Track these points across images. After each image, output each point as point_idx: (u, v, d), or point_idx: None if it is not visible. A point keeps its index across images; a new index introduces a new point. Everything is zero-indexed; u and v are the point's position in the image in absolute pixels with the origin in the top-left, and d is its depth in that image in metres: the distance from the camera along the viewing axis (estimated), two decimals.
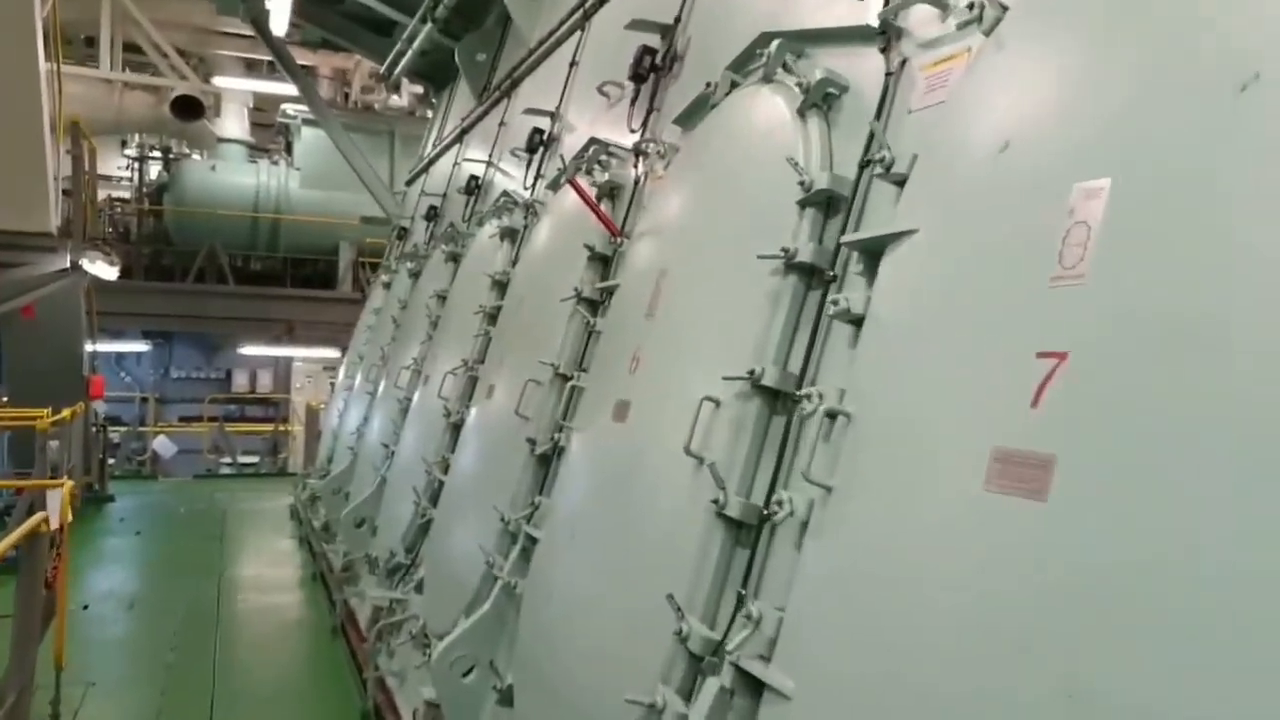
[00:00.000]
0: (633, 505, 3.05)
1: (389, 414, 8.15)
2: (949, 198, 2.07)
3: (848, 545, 1.99)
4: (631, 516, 3.03)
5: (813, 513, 2.17)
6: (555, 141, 6.32)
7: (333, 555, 9.01)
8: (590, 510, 3.39)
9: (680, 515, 2.77)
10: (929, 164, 2.19)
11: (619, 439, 3.31)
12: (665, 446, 2.97)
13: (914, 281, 2.08)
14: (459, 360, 6.28)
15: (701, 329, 2.99)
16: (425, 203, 10.61)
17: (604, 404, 3.57)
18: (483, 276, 6.42)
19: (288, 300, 19.49)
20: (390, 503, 7.10)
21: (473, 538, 4.75)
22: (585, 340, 4.35)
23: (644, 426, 3.16)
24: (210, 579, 9.21)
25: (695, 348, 3.00)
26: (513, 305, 5.61)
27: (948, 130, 2.16)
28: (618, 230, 4.22)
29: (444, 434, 6.19)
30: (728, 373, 2.66)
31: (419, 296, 9.05)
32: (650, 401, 3.18)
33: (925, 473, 1.88)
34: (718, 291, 2.98)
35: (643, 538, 2.93)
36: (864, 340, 2.21)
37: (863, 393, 2.12)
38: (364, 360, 11.15)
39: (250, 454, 19.56)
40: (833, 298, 2.33)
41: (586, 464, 3.62)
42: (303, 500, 11.98)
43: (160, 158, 20.51)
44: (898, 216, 2.25)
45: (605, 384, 3.70)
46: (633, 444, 3.20)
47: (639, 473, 3.08)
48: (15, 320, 11.95)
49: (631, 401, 3.29)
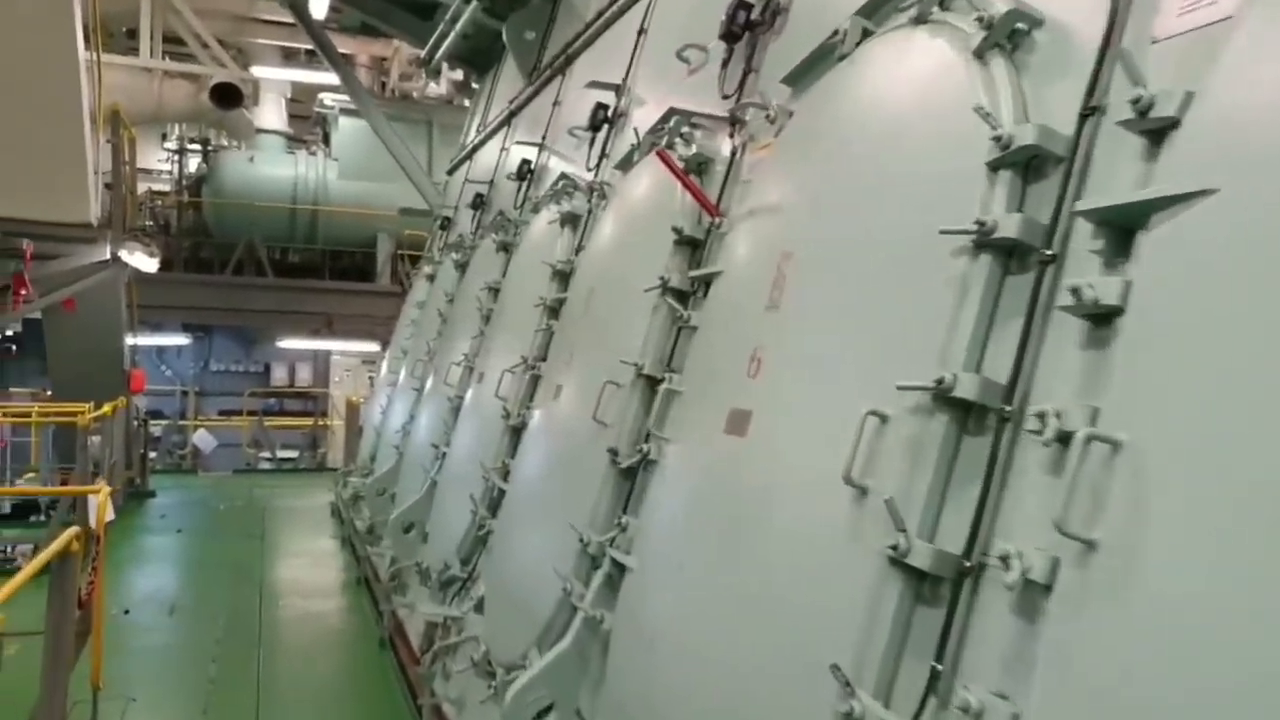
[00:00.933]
0: (764, 540, 2.51)
1: (438, 413, 7.68)
2: (1249, 148, 1.51)
3: (1136, 624, 1.44)
4: (763, 554, 2.50)
5: (1059, 573, 1.62)
6: (622, 117, 5.79)
7: (378, 560, 8.58)
8: (701, 541, 2.86)
9: (835, 559, 2.23)
10: (1211, 104, 1.62)
11: (737, 456, 2.78)
12: (806, 469, 2.43)
13: (1207, 261, 1.52)
14: (517, 357, 5.77)
15: (853, 325, 2.45)
16: (470, 190, 10.14)
17: (711, 412, 3.04)
18: (541, 266, 5.92)
19: (326, 293, 19.16)
20: (442, 508, 6.62)
21: (543, 557, 4.24)
22: (674, 336, 3.82)
23: (773, 443, 2.63)
24: (251, 582, 8.82)
25: (846, 349, 2.45)
26: (579, 297, 5.09)
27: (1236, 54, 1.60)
28: (715, 209, 3.68)
29: (503, 437, 5.69)
30: (898, 379, 2.11)
31: (467, 289, 8.57)
32: (781, 413, 2.64)
33: (1253, 526, 1.33)
34: (874, 278, 2.43)
35: (781, 582, 2.40)
36: (1127, 341, 1.65)
37: (1134, 412, 1.56)
38: (408, 355, 10.71)
39: (289, 448, 19.29)
40: (1069, 284, 1.76)
41: (691, 484, 3.09)
42: (344, 499, 11.59)
43: (199, 150, 20.25)
44: (1164, 175, 1.69)
45: (711, 388, 3.17)
46: (758, 464, 2.66)
47: (771, 500, 2.54)
48: (57, 313, 11.67)
49: (753, 412, 2.75)
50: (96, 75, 10.96)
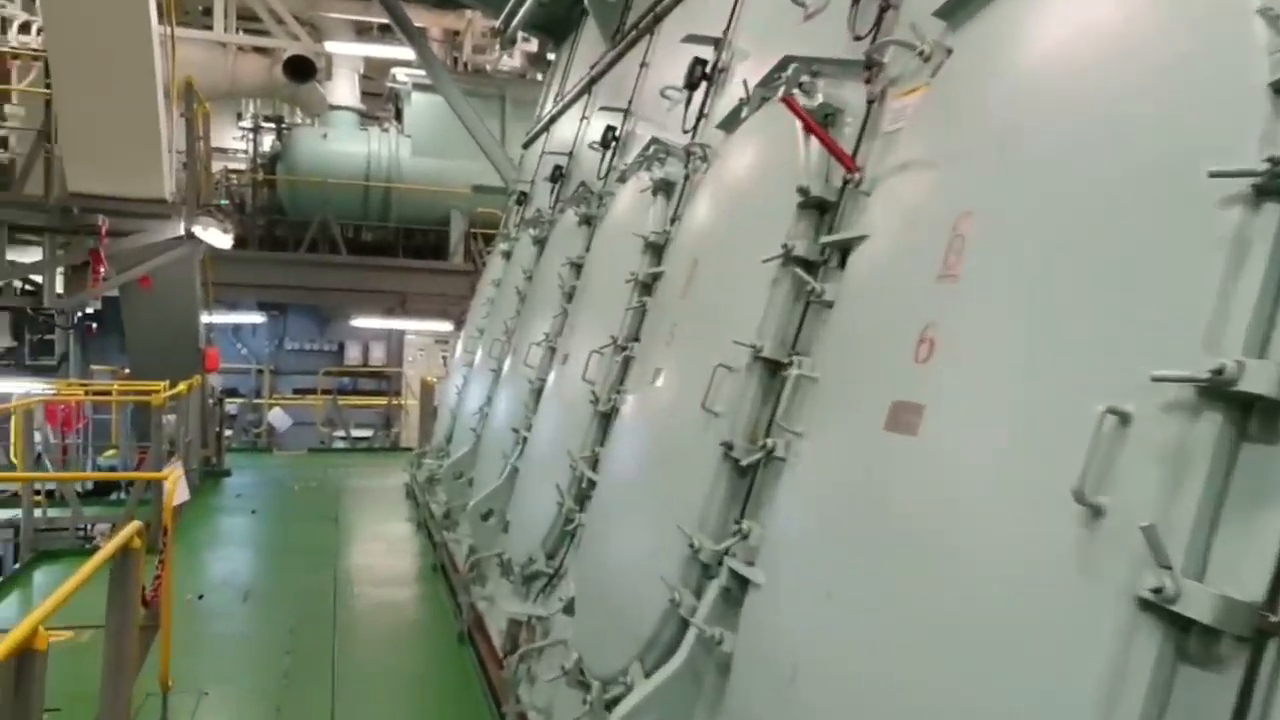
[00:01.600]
0: (951, 567, 2.02)
1: (518, 395, 7.30)
2: None
3: None
4: (950, 584, 2.01)
5: None
6: (724, 73, 5.28)
7: (454, 547, 8.27)
8: (857, 560, 2.37)
9: (1057, 598, 1.74)
10: None
11: (906, 460, 2.29)
12: (1010, 479, 1.93)
13: None
14: (605, 337, 5.34)
15: (1072, 298, 1.93)
16: (548, 163, 9.72)
17: (863, 404, 2.55)
18: (631, 239, 5.47)
19: (399, 271, 18.99)
20: (524, 497, 6.24)
21: (644, 560, 3.80)
22: (800, 313, 3.33)
23: (959, 445, 2.13)
24: (326, 567, 8.59)
25: (1062, 328, 1.94)
26: (678, 271, 4.61)
27: None
28: (853, 163, 3.17)
29: (591, 424, 5.27)
30: (1143, 367, 1.62)
31: (547, 265, 8.17)
32: (968, 407, 2.14)
33: None
34: (1099, 238, 1.91)
35: (976, 623, 1.91)
36: None
37: None
38: (484, 335, 10.39)
39: (363, 427, 19.24)
40: None
41: (838, 490, 2.60)
42: (419, 481, 11.34)
43: (274, 128, 20.22)
44: None
45: (861, 376, 2.68)
46: (937, 470, 2.17)
47: (958, 516, 2.05)
48: (133, 291, 11.61)
49: (926, 406, 2.25)
50: (170, 50, 10.80)
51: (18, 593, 7.69)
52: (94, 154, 9.71)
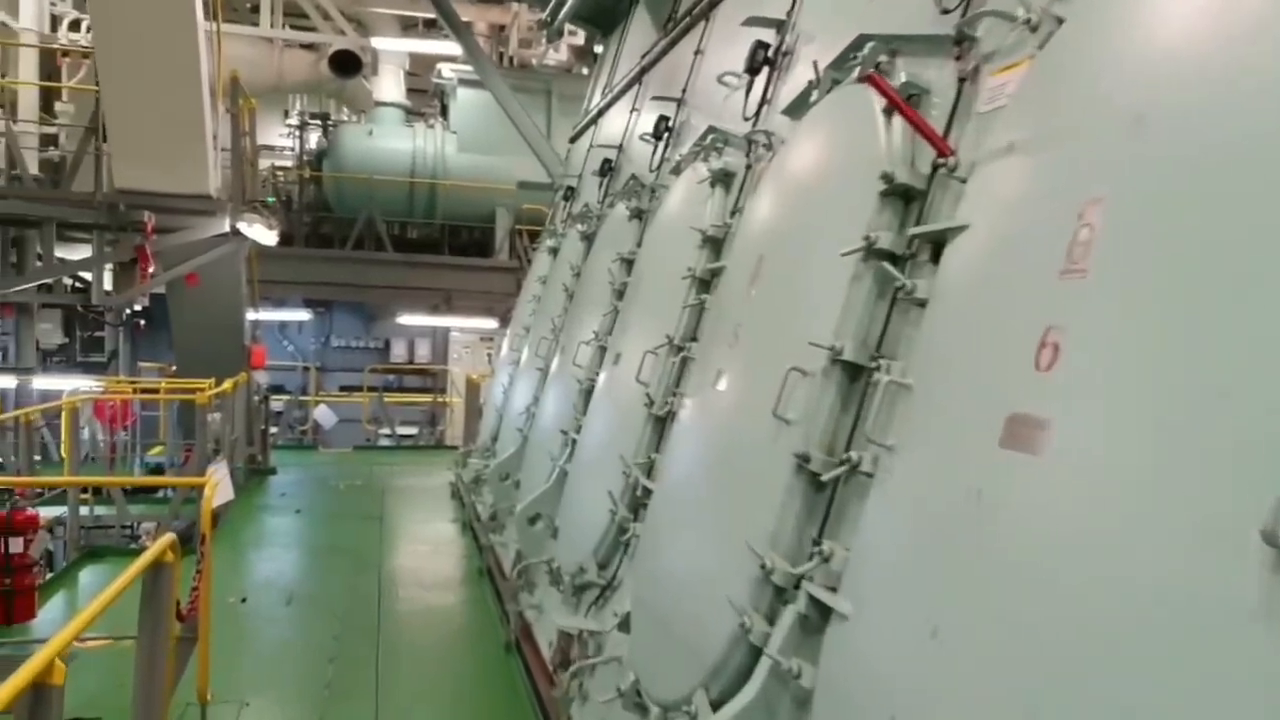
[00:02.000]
0: (1098, 614, 1.72)
1: (566, 396, 7.06)
2: None
3: None
4: (1100, 636, 1.70)
5: None
6: (788, 56, 4.98)
7: (501, 550, 8.07)
8: (969, 596, 2.08)
9: (1248, 657, 1.43)
10: None
11: (1024, 480, 1.99)
12: (1172, 511, 1.63)
13: None
14: (660, 337, 5.07)
15: (1257, 298, 1.62)
16: (597, 157, 9.48)
17: (967, 416, 2.26)
18: (687, 233, 5.19)
19: (445, 269, 18.89)
20: (574, 503, 6.00)
21: (708, 578, 3.53)
22: (885, 312, 3.03)
23: (1096, 467, 1.82)
24: (370, 569, 8.42)
25: (1237, 336, 1.63)
26: (742, 266, 4.33)
27: None
28: (947, 146, 2.86)
29: (645, 428, 5.00)
30: None
31: (596, 261, 7.92)
32: (1106, 423, 1.83)
33: None
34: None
35: (1143, 681, 1.60)
36: None
37: None
38: (530, 333, 10.17)
39: (408, 425, 19.17)
40: None
41: (940, 514, 2.30)
42: (464, 481, 11.17)
43: (320, 125, 20.22)
44: None
45: (961, 384, 2.38)
46: (1066, 495, 1.87)
47: (1099, 552, 1.75)
48: (180, 288, 11.57)
49: (1051, 420, 1.95)
50: (216, 45, 10.72)
51: (63, 594, 7.61)
52: (140, 150, 9.65)
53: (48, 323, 15.03)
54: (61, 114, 12.64)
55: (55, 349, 16.29)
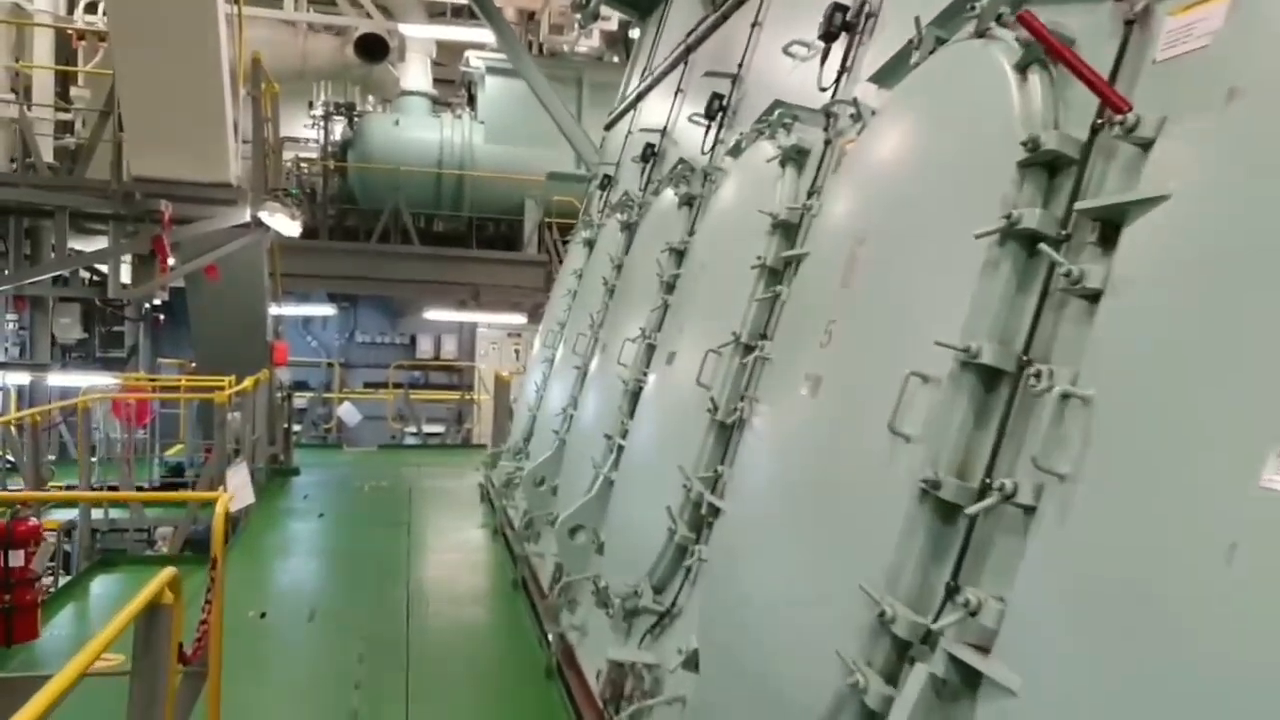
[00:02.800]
0: None
1: (610, 397, 6.52)
2: None
3: None
4: None
5: None
6: (871, 19, 4.41)
7: (537, 562, 7.55)
8: (1200, 684, 1.52)
9: None
10: None
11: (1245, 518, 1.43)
12: None
13: None
14: (722, 334, 4.51)
15: None
16: (637, 142, 8.95)
17: (1203, 445, 1.70)
18: (753, 219, 4.63)
19: (472, 262, 18.39)
20: (622, 516, 5.47)
21: (803, 620, 2.99)
22: (1034, 306, 2.48)
23: None
24: (397, 581, 7.93)
25: None
26: (829, 255, 3.77)
27: None
28: (1123, 100, 2.28)
29: (708, 437, 4.45)
30: None
31: (640, 252, 7.39)
32: None
33: None
34: None
35: None
36: None
37: None
38: (566, 329, 9.65)
39: (435, 422, 18.71)
40: None
41: (1164, 569, 1.74)
42: (495, 484, 10.67)
43: (345, 115, 19.77)
44: None
45: (1184, 401, 1.82)
46: None
47: None
48: (199, 282, 11.12)
49: None
50: (238, 28, 10.24)
51: (72, 607, 7.16)
52: (157, 137, 9.19)
53: (66, 317, 14.67)
54: (77, 99, 12.21)
55: (74, 344, 15.94)
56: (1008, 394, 2.48)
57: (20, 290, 10.49)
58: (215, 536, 3.86)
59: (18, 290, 10.47)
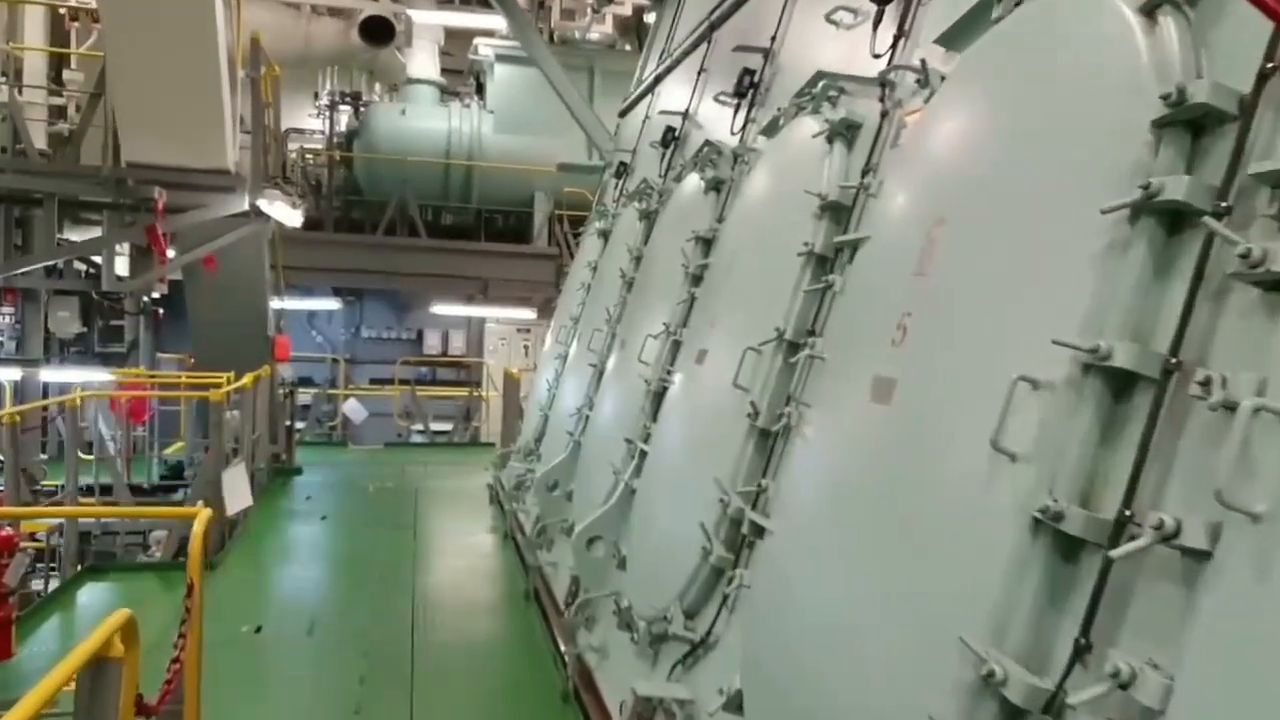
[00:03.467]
0: None
1: (629, 398, 6.07)
2: None
3: None
4: None
5: None
6: None
7: (550, 572, 7.09)
8: None
9: None
10: None
11: None
12: None
13: None
14: (761, 330, 4.04)
15: None
16: (655, 128, 8.48)
17: None
18: (795, 201, 4.16)
19: (481, 255, 17.92)
20: (648, 529, 5.00)
21: (884, 673, 2.51)
22: (1183, 297, 2.00)
23: None
24: (403, 590, 7.48)
25: None
26: (890, 240, 3.30)
27: None
28: None
29: (747, 446, 3.98)
30: None
31: (661, 243, 6.92)
32: None
33: None
34: None
35: None
36: None
37: None
38: (579, 324, 9.19)
39: (442, 419, 18.24)
40: None
41: None
42: (505, 486, 10.21)
43: (351, 104, 19.31)
44: None
45: None
46: None
47: None
48: (198, 273, 10.68)
49: None
50: (236, 8, 9.77)
51: (57, 618, 6.72)
52: (151, 121, 8.75)
53: (64, 310, 14.21)
54: (70, 83, 11.75)
55: (73, 339, 15.49)
56: (1149, 405, 2.01)
57: (10, 282, 10.05)
58: (191, 558, 3.39)
59: (8, 282, 10.03)
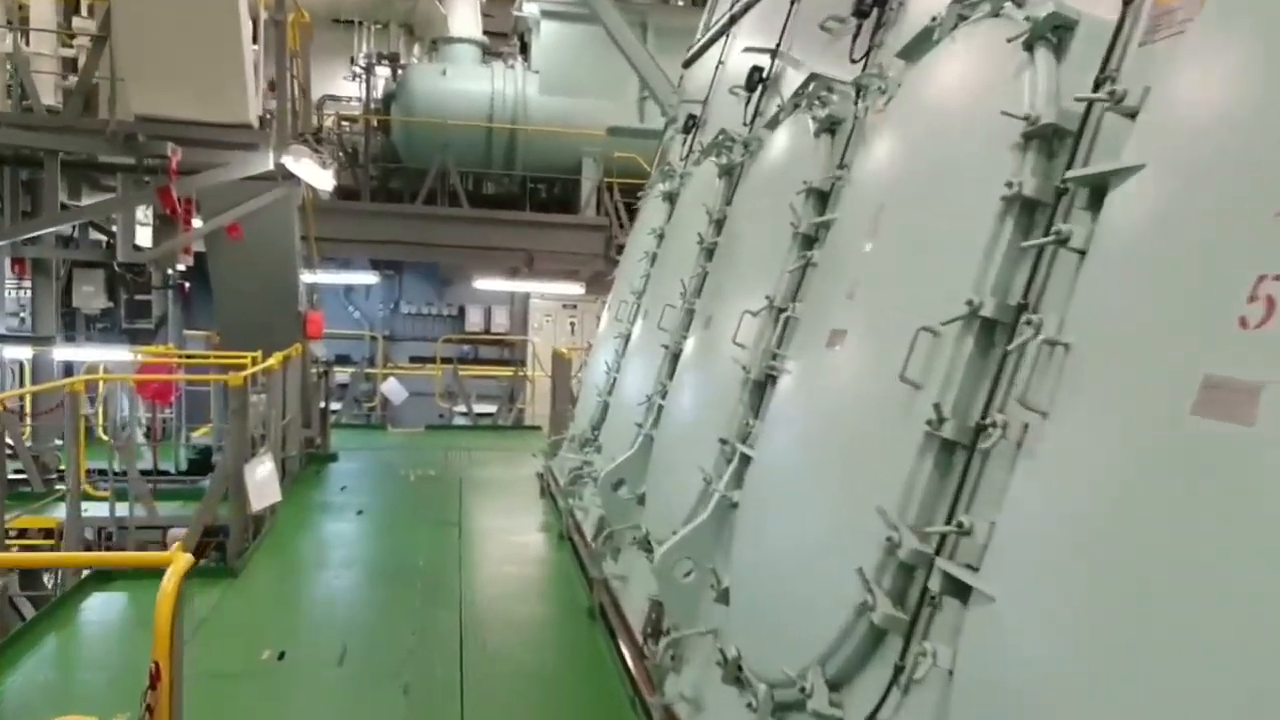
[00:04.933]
0: None
1: (719, 388, 5.02)
2: None
3: None
4: None
5: None
6: None
7: (619, 590, 6.07)
8: None
9: None
10: None
11: None
12: None
13: None
14: (930, 306, 2.93)
15: None
16: (734, 72, 7.37)
17: None
18: (980, 135, 3.05)
19: (525, 226, 16.87)
20: (759, 558, 3.93)
21: None
22: None
23: None
24: (448, 604, 6.51)
25: None
26: (1166, 174, 2.18)
27: None
28: None
29: (922, 466, 2.87)
30: None
31: (751, 201, 5.83)
32: None
33: None
34: None
35: None
36: None
37: None
38: (643, 299, 8.13)
39: (484, 400, 17.28)
40: None
41: None
42: (559, 480, 9.22)
43: (389, 66, 18.28)
44: None
45: None
46: None
47: None
48: (221, 243, 9.73)
49: None
50: None
51: (53, 638, 5.81)
52: (164, 69, 7.78)
53: (89, 284, 13.42)
54: (82, 31, 10.80)
55: (99, 314, 14.73)
56: None
57: (18, 251, 9.17)
58: (158, 631, 2.39)
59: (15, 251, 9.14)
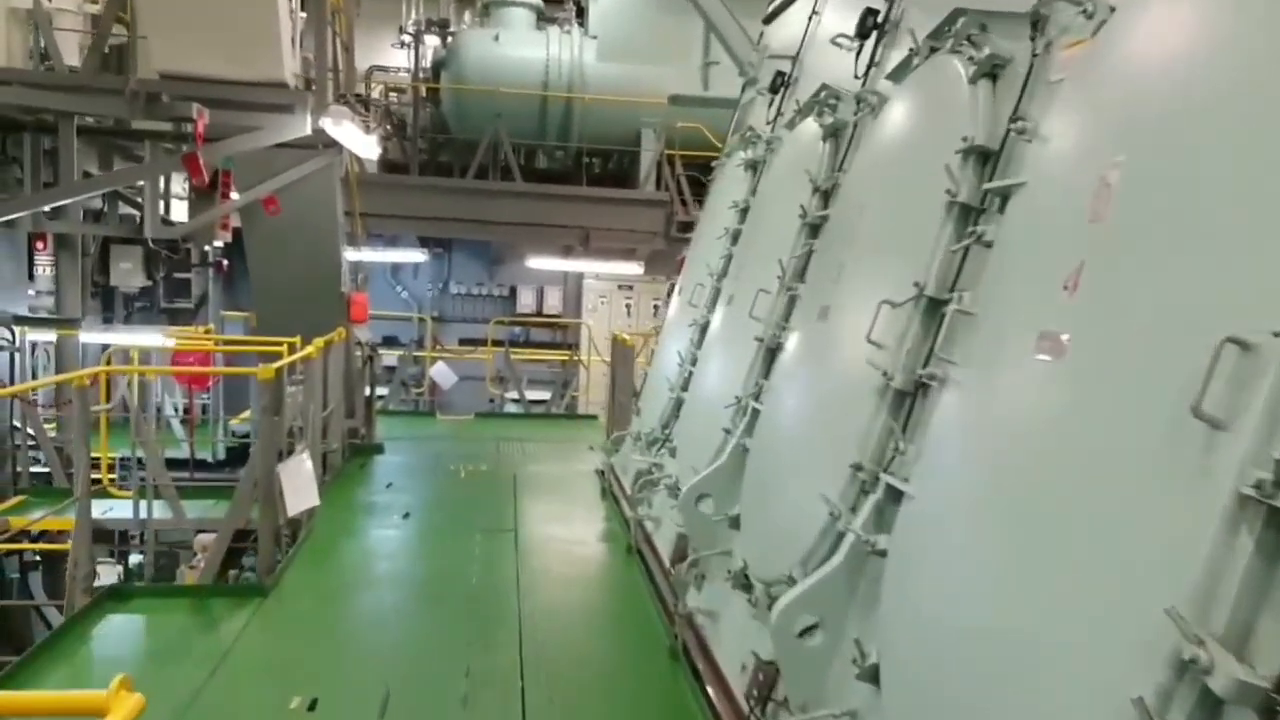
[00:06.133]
0: None
1: (842, 397, 4.05)
2: None
3: None
4: None
5: None
6: None
7: (705, 623, 5.17)
8: None
9: None
10: None
11: None
12: None
13: None
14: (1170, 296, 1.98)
15: None
16: (830, 22, 6.41)
17: None
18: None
19: (581, 202, 15.93)
20: (919, 625, 2.97)
21: None
22: None
23: None
24: (504, 634, 5.67)
25: None
26: None
27: None
28: None
29: None
30: None
31: (871, 168, 4.81)
32: None
33: None
34: None
35: None
36: None
37: None
38: (723, 282, 7.18)
39: (536, 385, 16.46)
40: None
41: None
42: (623, 483, 8.34)
43: (439, 33, 17.41)
44: None
45: None
46: None
47: None
48: (257, 216, 8.94)
49: None
50: None
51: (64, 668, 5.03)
52: (191, 21, 6.96)
53: (126, 262, 12.79)
54: None
55: (137, 293, 14.11)
56: None
57: (39, 224, 8.45)
58: None
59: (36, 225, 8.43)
